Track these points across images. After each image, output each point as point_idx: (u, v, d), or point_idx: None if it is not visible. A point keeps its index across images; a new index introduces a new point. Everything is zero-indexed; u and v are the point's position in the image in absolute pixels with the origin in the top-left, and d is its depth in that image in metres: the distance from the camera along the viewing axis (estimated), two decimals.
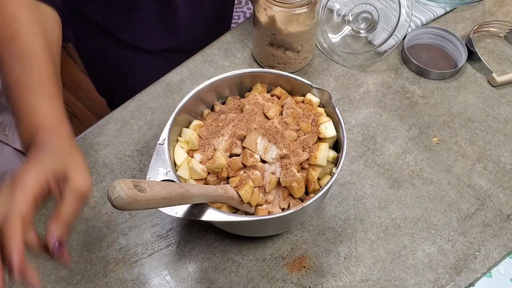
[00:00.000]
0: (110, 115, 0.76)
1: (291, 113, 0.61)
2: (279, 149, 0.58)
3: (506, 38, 0.91)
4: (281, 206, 0.59)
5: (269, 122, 0.60)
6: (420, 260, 0.64)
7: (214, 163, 0.58)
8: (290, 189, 0.58)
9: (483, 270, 0.63)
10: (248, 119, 0.60)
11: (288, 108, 0.62)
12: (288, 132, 0.59)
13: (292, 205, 0.59)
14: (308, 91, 0.64)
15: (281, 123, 0.60)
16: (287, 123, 0.61)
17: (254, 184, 0.57)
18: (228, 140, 0.59)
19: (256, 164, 0.58)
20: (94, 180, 0.69)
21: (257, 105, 0.62)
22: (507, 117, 0.79)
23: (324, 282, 0.62)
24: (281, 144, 0.58)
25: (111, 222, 0.65)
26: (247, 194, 0.56)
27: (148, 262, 0.62)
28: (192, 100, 0.63)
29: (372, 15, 0.84)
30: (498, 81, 0.82)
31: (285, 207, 0.59)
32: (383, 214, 0.68)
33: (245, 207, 0.57)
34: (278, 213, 0.55)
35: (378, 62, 0.85)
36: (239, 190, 0.56)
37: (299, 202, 0.59)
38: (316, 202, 0.55)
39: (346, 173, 0.71)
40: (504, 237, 0.66)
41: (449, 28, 0.91)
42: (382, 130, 0.76)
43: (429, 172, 0.72)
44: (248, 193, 0.56)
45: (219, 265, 0.63)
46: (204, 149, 0.60)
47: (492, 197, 0.70)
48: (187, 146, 0.62)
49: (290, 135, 0.59)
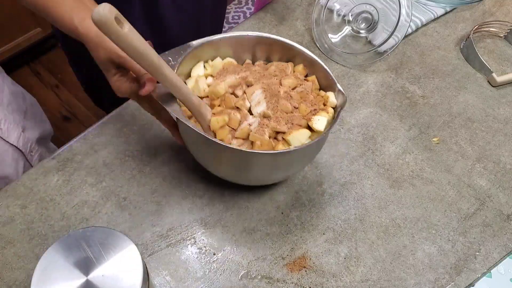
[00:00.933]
0: (110, 115, 0.76)
1: (301, 92, 0.62)
2: (266, 108, 0.60)
3: (506, 38, 0.91)
4: None
5: (277, 86, 0.62)
6: (420, 260, 0.64)
7: (214, 88, 0.61)
8: (253, 145, 0.59)
9: (483, 270, 0.63)
10: (264, 75, 0.64)
11: (303, 88, 0.63)
12: (285, 102, 0.61)
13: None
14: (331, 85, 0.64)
15: (286, 93, 0.62)
16: (292, 97, 0.62)
17: (229, 123, 0.59)
18: (237, 79, 0.63)
19: (242, 109, 0.60)
20: (94, 180, 0.69)
21: (282, 72, 0.65)
22: (507, 117, 0.79)
23: (324, 282, 0.62)
24: (271, 105, 0.60)
25: (111, 222, 0.65)
26: (216, 123, 0.59)
27: (148, 262, 0.62)
28: (236, 41, 0.66)
29: (372, 15, 0.84)
30: (498, 81, 0.82)
31: None
32: (383, 214, 0.68)
33: (209, 136, 0.58)
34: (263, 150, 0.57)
35: (378, 62, 0.85)
36: (213, 116, 0.59)
37: None
38: (300, 152, 0.58)
39: (346, 173, 0.71)
40: (504, 237, 0.66)
41: (449, 28, 0.92)
42: (382, 130, 0.76)
43: (429, 172, 0.72)
44: (218, 123, 0.58)
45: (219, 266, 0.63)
46: (218, 77, 0.64)
47: (492, 197, 0.70)
48: (210, 70, 0.66)
49: (284, 104, 0.61)
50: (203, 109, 0.59)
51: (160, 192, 0.68)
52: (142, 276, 0.47)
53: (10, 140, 0.73)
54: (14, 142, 0.73)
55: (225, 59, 0.68)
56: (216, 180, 0.69)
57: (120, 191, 0.68)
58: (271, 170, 0.62)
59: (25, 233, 0.63)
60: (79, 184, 0.68)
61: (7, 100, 0.76)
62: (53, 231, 0.64)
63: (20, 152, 0.76)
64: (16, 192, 0.67)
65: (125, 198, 0.67)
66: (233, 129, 0.60)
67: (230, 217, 0.66)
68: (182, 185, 0.69)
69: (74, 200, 0.67)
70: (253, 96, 0.61)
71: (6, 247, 0.62)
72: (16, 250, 0.62)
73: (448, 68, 0.86)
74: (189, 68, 0.66)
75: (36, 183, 0.68)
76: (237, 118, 0.59)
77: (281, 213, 0.67)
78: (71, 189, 0.68)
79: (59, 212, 0.65)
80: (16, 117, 0.76)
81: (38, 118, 0.85)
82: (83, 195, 0.67)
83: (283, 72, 0.65)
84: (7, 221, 0.64)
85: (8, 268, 0.60)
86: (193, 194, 0.68)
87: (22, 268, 0.60)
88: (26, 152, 0.77)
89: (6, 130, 0.72)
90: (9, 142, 0.73)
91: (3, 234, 0.63)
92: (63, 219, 0.65)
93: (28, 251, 0.62)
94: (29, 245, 0.62)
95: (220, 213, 0.67)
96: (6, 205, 0.66)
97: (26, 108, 0.81)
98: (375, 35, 0.85)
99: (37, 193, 0.67)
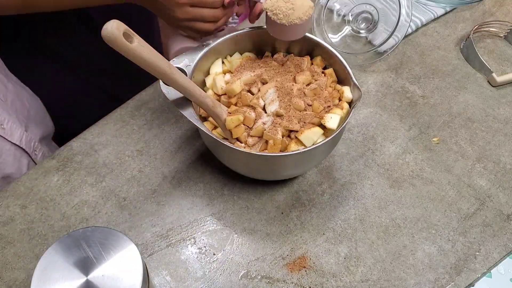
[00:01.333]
0: (110, 115, 0.76)
1: (314, 89, 0.63)
2: (279, 107, 0.61)
3: (506, 38, 0.91)
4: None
5: (291, 83, 0.63)
6: (420, 260, 0.64)
7: (230, 86, 0.63)
8: (267, 144, 0.61)
9: (483, 270, 0.63)
10: (279, 72, 0.66)
11: (317, 84, 0.64)
12: (297, 100, 0.62)
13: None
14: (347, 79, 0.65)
15: (300, 90, 0.63)
16: (306, 94, 0.63)
17: (244, 122, 0.61)
18: (253, 77, 0.65)
19: (257, 108, 0.62)
20: (94, 180, 0.69)
21: (297, 67, 0.66)
22: (507, 117, 0.79)
23: (324, 282, 0.62)
24: (284, 104, 0.62)
25: (111, 222, 0.65)
26: (231, 123, 0.61)
27: (148, 262, 0.62)
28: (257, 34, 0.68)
29: (372, 15, 0.84)
30: (498, 81, 0.82)
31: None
32: (383, 214, 0.68)
33: (226, 134, 0.63)
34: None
35: (378, 62, 0.85)
36: (228, 115, 0.61)
37: None
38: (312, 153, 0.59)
39: (346, 173, 0.71)
40: (504, 237, 0.66)
41: (449, 28, 0.92)
42: (382, 130, 0.76)
43: (429, 172, 0.72)
44: (233, 122, 0.61)
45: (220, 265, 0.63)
46: (235, 75, 0.66)
47: (492, 197, 0.70)
48: (228, 65, 0.68)
49: (297, 103, 0.62)
50: (218, 110, 0.61)
51: (160, 192, 0.68)
52: (142, 276, 0.47)
53: (13, 140, 0.73)
54: (17, 142, 0.73)
55: (243, 54, 0.70)
56: (216, 180, 0.70)
57: (120, 191, 0.68)
58: (283, 168, 0.64)
59: (25, 233, 0.63)
60: (79, 184, 0.68)
61: (11, 99, 0.76)
62: (53, 231, 0.64)
63: (23, 152, 0.76)
64: (16, 192, 0.67)
65: (125, 198, 0.67)
66: (248, 127, 0.62)
67: (230, 217, 0.66)
68: (182, 185, 0.69)
69: (74, 200, 0.67)
70: (267, 95, 0.62)
71: (6, 247, 0.62)
72: (16, 250, 0.62)
73: (448, 68, 0.86)
74: (208, 65, 0.68)
75: (36, 183, 0.68)
76: (251, 117, 0.61)
77: (281, 213, 0.67)
78: (71, 189, 0.68)
79: (59, 212, 0.65)
80: (19, 116, 0.76)
81: (40, 117, 0.85)
82: (83, 195, 0.67)
83: (298, 67, 0.66)
84: (7, 221, 0.64)
85: (8, 268, 0.60)
86: (193, 194, 0.68)
87: (22, 268, 0.60)
88: (30, 151, 0.77)
89: (9, 130, 0.72)
90: (12, 142, 0.73)
91: (3, 234, 0.63)
92: (63, 219, 0.65)
93: (28, 251, 0.62)
94: (29, 245, 0.62)
95: (220, 213, 0.67)
96: (6, 205, 0.66)
97: (29, 107, 0.81)
98: (375, 35, 0.85)
99: (37, 193, 0.67)
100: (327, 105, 0.63)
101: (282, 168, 0.63)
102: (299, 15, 0.60)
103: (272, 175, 0.67)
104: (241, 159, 0.62)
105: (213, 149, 0.65)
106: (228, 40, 0.67)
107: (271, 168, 0.63)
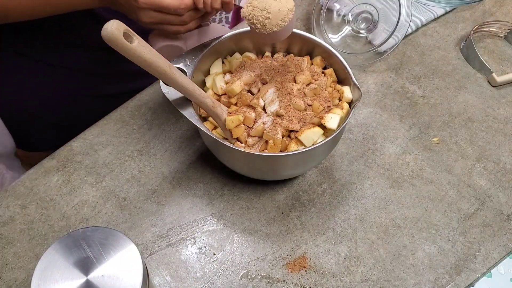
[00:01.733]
0: (110, 115, 0.76)
1: (314, 89, 0.63)
2: (279, 107, 0.61)
3: (506, 38, 0.91)
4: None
5: (291, 84, 0.63)
6: (420, 260, 0.64)
7: (230, 86, 0.63)
8: (267, 144, 0.61)
9: (483, 270, 0.63)
10: (279, 72, 0.65)
11: (317, 84, 0.64)
12: (297, 100, 0.62)
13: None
14: (347, 79, 0.65)
15: (300, 90, 0.63)
16: (306, 94, 0.63)
17: (244, 122, 0.61)
18: (253, 77, 0.65)
19: (257, 108, 0.62)
20: (94, 180, 0.69)
21: (297, 67, 0.66)
22: (507, 117, 0.79)
23: (324, 282, 0.62)
24: (284, 104, 0.62)
25: (111, 222, 0.65)
26: (231, 123, 0.61)
27: (148, 262, 0.62)
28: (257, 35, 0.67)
29: (372, 15, 0.84)
30: (498, 81, 0.82)
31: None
32: (383, 214, 0.68)
33: (226, 134, 0.63)
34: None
35: (378, 62, 0.85)
36: (228, 115, 0.61)
37: None
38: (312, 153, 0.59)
39: (346, 173, 0.71)
40: (504, 237, 0.66)
41: (449, 28, 0.92)
42: (382, 130, 0.76)
43: (429, 172, 0.72)
44: (233, 122, 0.61)
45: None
46: (235, 75, 0.66)
47: (492, 197, 0.70)
48: (228, 66, 0.68)
49: (297, 103, 0.62)
50: (218, 110, 0.61)
51: (160, 192, 0.68)
52: (142, 276, 0.47)
53: None
54: None
55: (243, 54, 0.70)
56: (216, 180, 0.70)
57: (120, 191, 0.68)
58: (283, 168, 0.64)
59: (25, 233, 0.63)
60: (79, 184, 0.68)
61: None
62: (53, 231, 0.64)
63: None
64: (16, 192, 0.67)
65: (125, 198, 0.67)
66: (248, 127, 0.62)
67: (230, 217, 0.66)
68: (182, 185, 0.69)
69: (74, 200, 0.67)
70: (267, 95, 0.62)
71: (6, 247, 0.62)
72: (16, 250, 0.62)
73: (448, 68, 0.86)
74: (208, 65, 0.68)
75: (36, 183, 0.68)
76: (251, 117, 0.61)
77: (281, 213, 0.67)
78: (71, 189, 0.68)
79: (59, 212, 0.65)
80: None
81: None
82: (83, 195, 0.67)
83: (298, 67, 0.66)
84: (7, 221, 0.64)
85: (8, 268, 0.60)
86: (193, 194, 0.68)
87: (22, 268, 0.60)
88: None
89: None
90: None
91: (3, 234, 0.63)
92: (63, 219, 0.65)
93: (28, 251, 0.62)
94: (29, 245, 0.62)
95: (220, 213, 0.67)
96: (6, 205, 0.66)
97: None
98: (375, 35, 0.85)
99: (37, 193, 0.67)
100: (327, 105, 0.63)
101: (282, 168, 0.64)
102: (277, 22, 0.57)
103: (272, 175, 0.67)
104: (241, 159, 0.62)
105: (213, 149, 0.65)
106: (228, 40, 0.67)
107: (271, 168, 0.63)
